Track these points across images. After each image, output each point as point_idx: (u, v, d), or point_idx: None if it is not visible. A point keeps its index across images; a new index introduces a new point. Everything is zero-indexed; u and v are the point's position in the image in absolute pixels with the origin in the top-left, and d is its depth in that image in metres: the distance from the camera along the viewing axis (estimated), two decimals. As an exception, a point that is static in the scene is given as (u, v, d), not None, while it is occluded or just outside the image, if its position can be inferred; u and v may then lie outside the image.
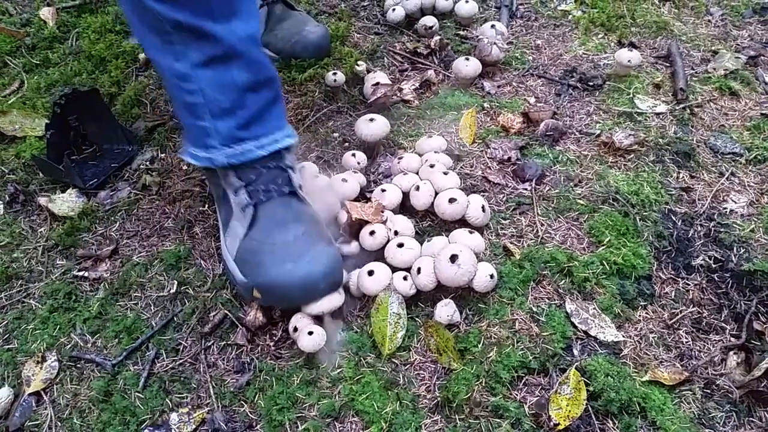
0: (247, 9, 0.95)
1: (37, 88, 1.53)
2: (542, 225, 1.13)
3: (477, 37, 1.53)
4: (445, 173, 1.13)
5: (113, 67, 1.55)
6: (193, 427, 0.90)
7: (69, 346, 1.02)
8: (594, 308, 1.01)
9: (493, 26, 1.51)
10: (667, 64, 1.51)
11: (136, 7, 0.91)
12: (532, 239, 1.11)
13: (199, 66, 0.93)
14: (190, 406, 0.93)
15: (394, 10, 1.61)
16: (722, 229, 1.13)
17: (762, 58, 1.54)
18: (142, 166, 1.33)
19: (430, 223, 1.14)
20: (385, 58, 1.54)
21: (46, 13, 1.72)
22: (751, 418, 0.92)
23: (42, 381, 0.96)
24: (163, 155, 1.35)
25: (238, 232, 1.01)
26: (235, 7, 0.93)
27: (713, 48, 1.57)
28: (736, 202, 1.19)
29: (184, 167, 1.31)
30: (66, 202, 1.24)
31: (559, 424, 0.87)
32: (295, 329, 0.98)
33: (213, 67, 0.94)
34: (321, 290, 0.95)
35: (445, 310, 0.98)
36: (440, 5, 1.62)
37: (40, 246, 1.17)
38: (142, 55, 1.59)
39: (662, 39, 1.60)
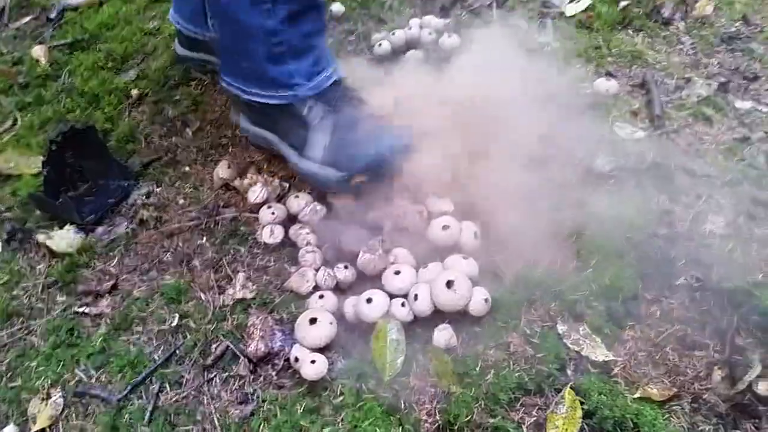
0: None
1: (30, 126, 1.55)
2: (532, 249, 1.17)
3: (461, 69, 1.59)
4: (435, 206, 1.18)
5: (106, 103, 1.59)
6: (201, 458, 0.92)
7: (73, 382, 1.03)
8: (584, 329, 1.05)
9: (476, 59, 1.57)
10: (643, 92, 1.58)
11: None
12: (522, 263, 1.15)
13: (285, 21, 1.13)
14: (195, 438, 0.95)
15: (380, 45, 1.67)
16: (702, 250, 1.18)
17: (731, 84, 1.62)
18: (138, 201, 1.35)
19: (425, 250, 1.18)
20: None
21: (38, 51, 1.75)
22: (737, 430, 0.96)
23: (48, 418, 0.97)
24: (159, 189, 1.38)
25: (322, 140, 1.22)
26: None
27: (686, 75, 1.64)
28: (714, 224, 1.24)
29: (181, 201, 1.34)
30: (64, 239, 1.26)
31: (557, 442, 0.90)
32: (296, 359, 1.01)
33: (296, 20, 1.15)
34: (410, 153, 1.19)
35: (443, 335, 1.01)
36: (424, 39, 1.68)
37: (39, 283, 1.19)
38: (134, 91, 1.62)
39: (637, 68, 1.67)
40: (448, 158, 1.28)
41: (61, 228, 1.28)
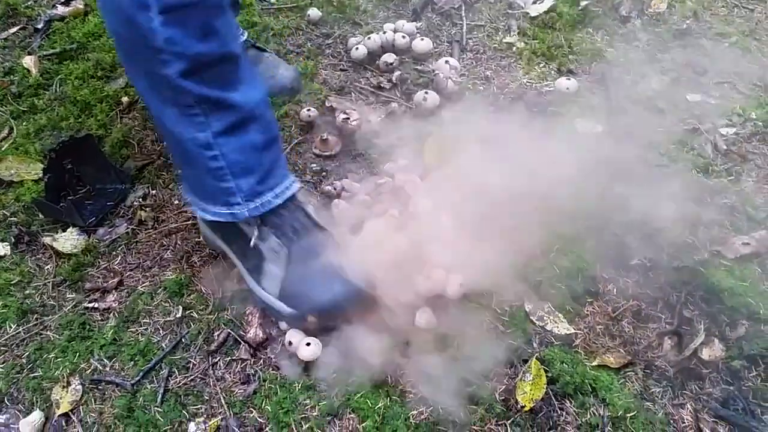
0: (252, 75, 1.06)
1: (26, 134, 1.62)
2: (502, 237, 1.29)
3: (433, 71, 1.70)
4: (416, 203, 1.29)
5: (98, 111, 1.66)
6: (210, 433, 1.03)
7: (89, 370, 1.13)
8: (548, 306, 1.18)
9: (447, 62, 1.68)
10: (602, 88, 1.70)
11: (156, 84, 0.98)
12: (493, 251, 1.26)
13: (220, 134, 1.02)
14: (205, 416, 1.06)
15: (357, 48, 1.77)
16: (654, 233, 1.31)
17: (683, 78, 1.75)
18: (135, 203, 1.44)
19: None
20: (353, 93, 1.70)
21: (28, 61, 1.81)
22: (684, 391, 1.09)
23: (69, 403, 1.07)
24: (154, 191, 1.47)
25: (277, 273, 1.14)
26: (243, 75, 1.03)
27: (641, 71, 1.77)
28: (665, 209, 1.37)
29: (176, 202, 1.44)
30: (68, 240, 1.35)
31: (525, 406, 1.03)
32: (290, 343, 1.11)
33: (233, 132, 1.04)
34: (364, 300, 1.11)
35: (424, 316, 1.13)
36: (398, 43, 1.79)
37: (49, 282, 1.28)
38: (125, 99, 1.70)
39: (596, 65, 1.79)
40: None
41: (64, 230, 1.37)
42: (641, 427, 1.03)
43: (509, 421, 1.04)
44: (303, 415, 1.05)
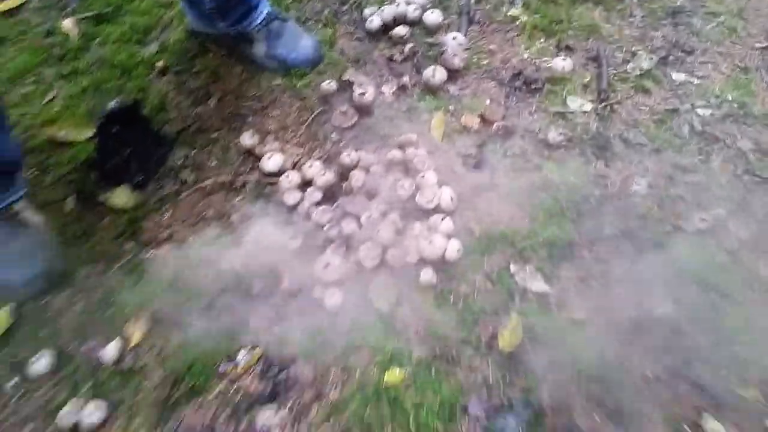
0: None
1: (71, 96, 1.78)
2: (495, 208, 1.50)
3: (442, 45, 1.86)
4: (423, 176, 1.49)
5: (136, 75, 1.82)
6: (255, 360, 1.29)
7: (153, 310, 1.37)
8: (530, 268, 1.40)
9: (454, 38, 1.84)
10: (596, 65, 1.86)
11: None
12: (487, 220, 1.48)
13: None
14: (250, 346, 1.31)
15: (372, 20, 1.92)
16: (628, 206, 1.51)
17: (671, 57, 1.90)
18: (176, 164, 1.64)
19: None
20: (368, 65, 1.86)
21: (68, 24, 1.95)
22: (634, 341, 1.33)
23: (140, 336, 1.32)
24: (192, 153, 1.66)
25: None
26: None
27: (633, 49, 1.91)
28: (639, 185, 1.56)
29: (213, 164, 1.64)
30: (121, 197, 1.56)
31: (504, 348, 1.28)
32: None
33: None
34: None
35: (427, 276, 1.36)
36: (410, 15, 1.93)
37: (110, 234, 1.50)
38: (159, 63, 1.86)
39: (593, 41, 1.93)
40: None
41: (116, 188, 1.57)
42: (601, 370, 1.28)
43: (491, 360, 1.28)
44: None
